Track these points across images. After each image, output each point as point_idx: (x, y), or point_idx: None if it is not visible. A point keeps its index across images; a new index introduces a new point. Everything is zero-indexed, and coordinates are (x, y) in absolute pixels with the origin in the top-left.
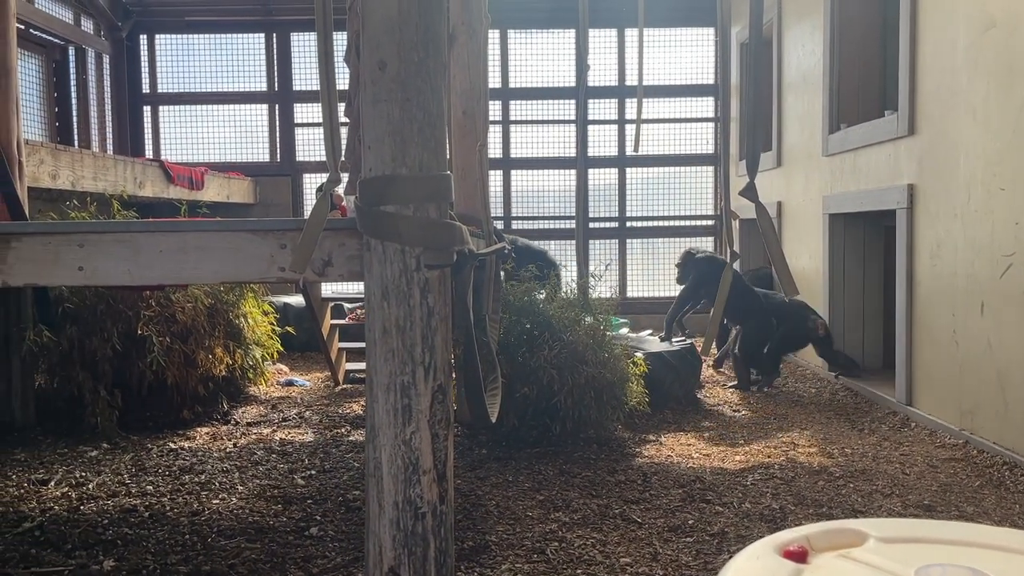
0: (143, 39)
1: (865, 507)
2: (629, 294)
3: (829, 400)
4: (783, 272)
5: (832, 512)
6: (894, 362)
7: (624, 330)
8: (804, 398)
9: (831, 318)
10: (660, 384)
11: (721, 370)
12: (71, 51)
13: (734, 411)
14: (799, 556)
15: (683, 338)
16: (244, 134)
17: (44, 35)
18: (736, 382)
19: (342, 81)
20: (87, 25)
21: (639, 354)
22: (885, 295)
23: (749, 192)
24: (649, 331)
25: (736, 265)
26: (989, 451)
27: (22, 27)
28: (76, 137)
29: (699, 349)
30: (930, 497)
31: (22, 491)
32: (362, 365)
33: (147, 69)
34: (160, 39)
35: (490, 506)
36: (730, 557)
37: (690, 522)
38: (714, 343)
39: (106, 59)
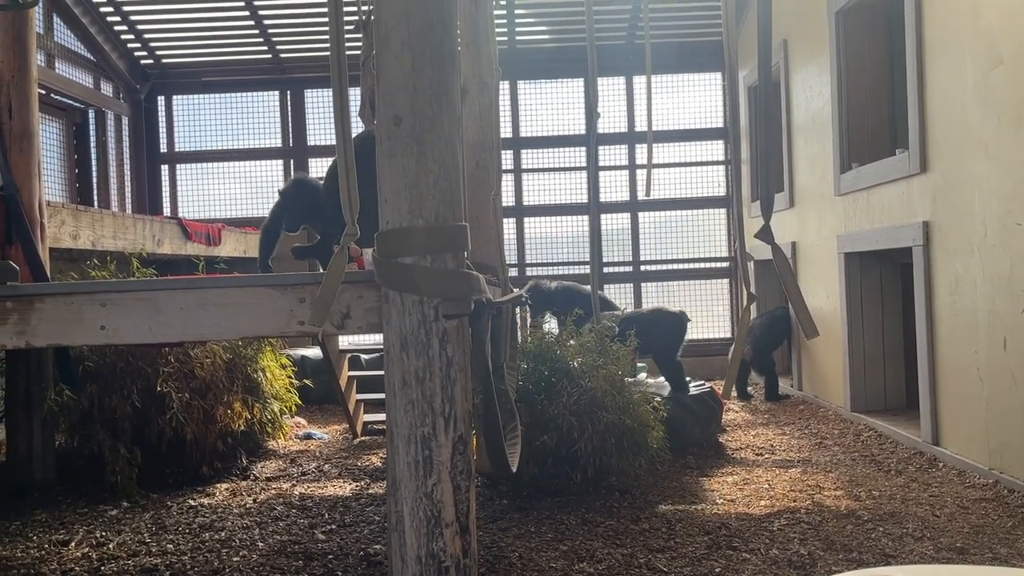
0: (161, 100)
1: (896, 551)
2: None
3: (853, 441)
4: (802, 312)
5: (863, 557)
6: (918, 401)
7: (642, 375)
8: (828, 440)
9: (851, 357)
10: (680, 429)
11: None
12: (91, 114)
13: (757, 455)
14: None
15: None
16: (260, 189)
17: (65, 99)
18: None
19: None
20: (106, 88)
21: (658, 399)
22: (905, 333)
23: (765, 235)
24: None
25: (753, 308)
26: (1020, 490)
27: (43, 92)
28: (96, 197)
29: (719, 393)
30: (962, 539)
31: (43, 552)
32: (380, 416)
33: (164, 129)
34: (177, 99)
35: (513, 558)
36: None
37: (717, 570)
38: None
39: (125, 120)
